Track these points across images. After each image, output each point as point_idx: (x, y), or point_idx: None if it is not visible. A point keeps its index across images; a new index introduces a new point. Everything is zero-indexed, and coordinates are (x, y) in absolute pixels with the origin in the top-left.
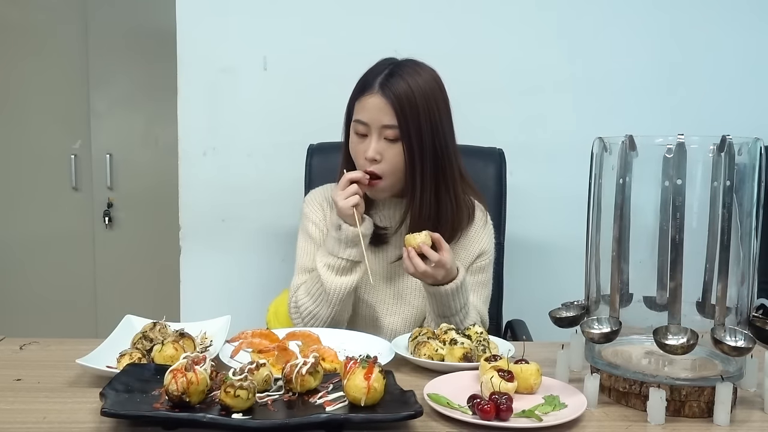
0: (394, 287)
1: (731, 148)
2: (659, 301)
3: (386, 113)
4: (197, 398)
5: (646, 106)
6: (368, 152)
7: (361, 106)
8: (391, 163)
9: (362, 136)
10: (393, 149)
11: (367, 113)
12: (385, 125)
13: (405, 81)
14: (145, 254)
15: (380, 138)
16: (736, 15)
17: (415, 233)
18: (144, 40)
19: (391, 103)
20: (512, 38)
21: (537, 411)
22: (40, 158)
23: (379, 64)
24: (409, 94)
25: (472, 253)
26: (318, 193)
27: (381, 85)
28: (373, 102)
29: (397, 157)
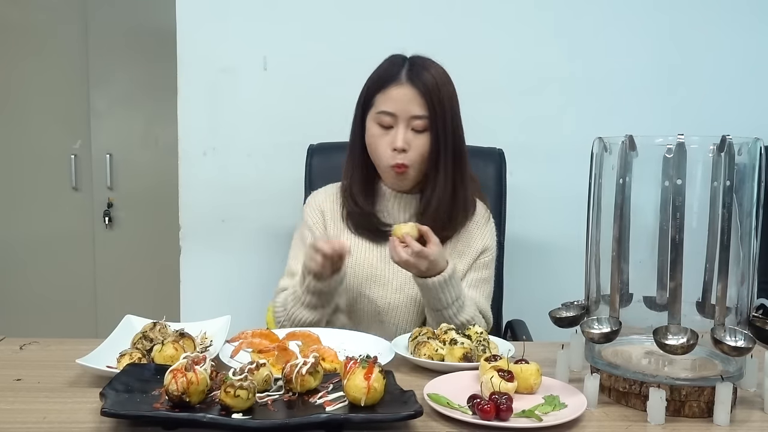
0: (396, 281)
1: (731, 148)
2: (659, 301)
3: (416, 103)
4: (197, 398)
5: (646, 106)
6: (397, 142)
7: (386, 98)
8: (418, 153)
9: (386, 128)
10: (420, 139)
11: (394, 104)
12: (415, 116)
13: (430, 72)
14: (145, 254)
15: (407, 128)
16: (736, 15)
17: (402, 224)
18: (144, 40)
19: (421, 93)
20: (512, 39)
21: (537, 411)
22: (40, 158)
23: (394, 58)
24: (435, 85)
25: (476, 249)
26: (318, 197)
27: (409, 76)
28: (401, 92)
29: (423, 147)
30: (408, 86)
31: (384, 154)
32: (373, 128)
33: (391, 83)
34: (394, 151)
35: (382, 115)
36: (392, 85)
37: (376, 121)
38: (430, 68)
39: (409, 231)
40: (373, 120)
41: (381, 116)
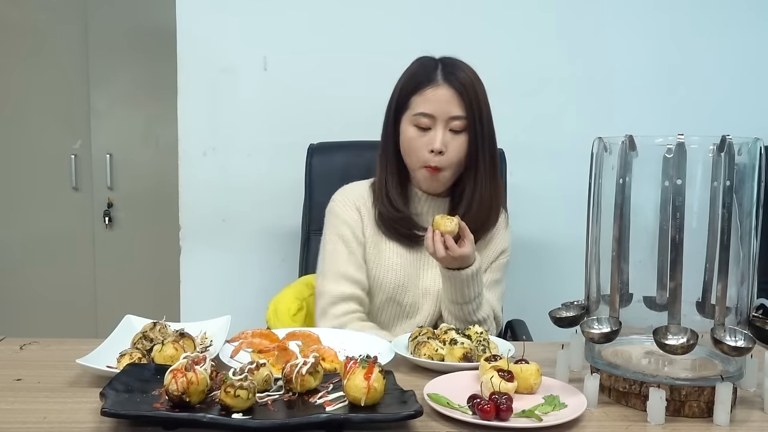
0: (426, 284)
1: (731, 148)
2: (659, 301)
3: (454, 104)
4: (197, 398)
5: (646, 106)
6: (435, 144)
7: (423, 99)
8: (454, 154)
9: (424, 129)
10: (457, 140)
11: (432, 105)
12: (453, 116)
13: (464, 72)
14: (145, 254)
15: (446, 129)
16: (735, 15)
17: (445, 217)
18: (144, 39)
19: (460, 93)
20: (512, 39)
21: (537, 411)
22: (40, 158)
23: (425, 60)
24: (471, 85)
25: (495, 251)
26: (351, 194)
27: (445, 76)
28: (439, 94)
29: (460, 148)
30: (445, 86)
31: (421, 155)
32: (409, 130)
33: (427, 84)
34: (431, 153)
35: (419, 117)
36: (429, 86)
37: (413, 123)
38: (464, 68)
39: (453, 230)
40: (410, 122)
41: (419, 118)
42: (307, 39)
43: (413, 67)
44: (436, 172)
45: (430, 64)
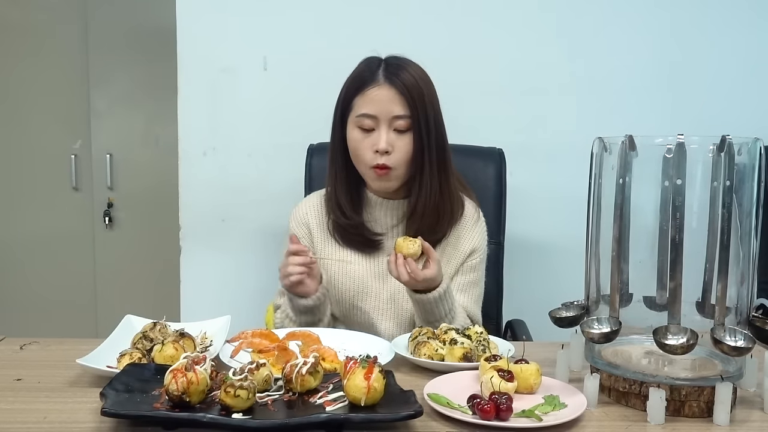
0: (388, 291)
1: (731, 148)
2: (659, 301)
3: (396, 103)
4: (197, 398)
5: (646, 106)
6: (380, 144)
7: (366, 100)
8: (401, 153)
9: (368, 131)
10: (402, 140)
11: (374, 105)
12: (396, 116)
13: (407, 71)
14: (145, 254)
15: (390, 129)
16: (736, 15)
17: (408, 239)
18: (144, 39)
19: (401, 92)
20: (512, 38)
21: (537, 411)
22: (40, 158)
23: (370, 60)
24: (414, 83)
25: (463, 252)
26: (302, 210)
27: (387, 77)
28: (381, 93)
29: (406, 147)
30: (387, 86)
31: (366, 156)
32: (354, 132)
33: (368, 85)
34: (376, 153)
35: (362, 118)
36: (370, 86)
37: (356, 124)
38: (408, 67)
39: (415, 252)
40: (354, 124)
41: (362, 119)
42: (307, 39)
43: (357, 69)
44: (385, 172)
45: (373, 64)
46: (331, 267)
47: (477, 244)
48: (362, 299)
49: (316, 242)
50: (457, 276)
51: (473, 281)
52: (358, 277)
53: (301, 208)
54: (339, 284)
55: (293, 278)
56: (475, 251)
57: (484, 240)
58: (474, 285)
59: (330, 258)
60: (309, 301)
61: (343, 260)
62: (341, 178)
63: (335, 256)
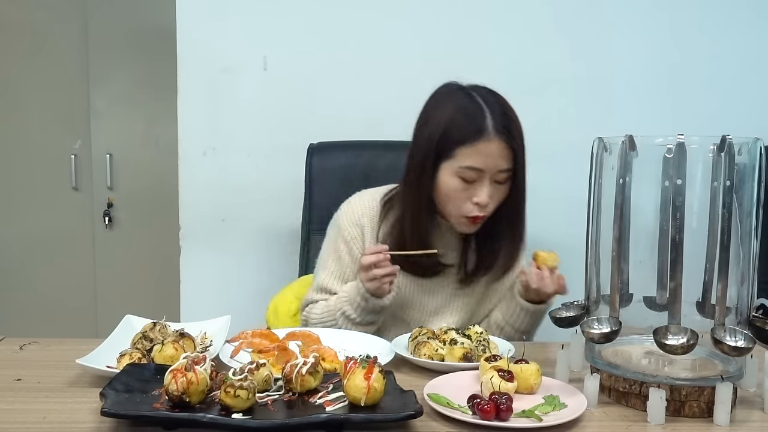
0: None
1: (731, 148)
2: (659, 301)
3: (505, 158)
4: (197, 398)
5: (646, 106)
6: (482, 198)
7: (474, 152)
8: (496, 203)
9: (469, 182)
10: (500, 191)
11: (483, 160)
12: (502, 170)
13: (511, 118)
14: (145, 254)
15: (491, 182)
16: (736, 15)
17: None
18: (144, 39)
19: (513, 147)
20: (512, 39)
21: (537, 411)
22: (40, 158)
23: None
24: (519, 132)
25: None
26: (356, 210)
27: (498, 130)
28: (491, 148)
29: (502, 197)
30: (497, 141)
31: (464, 207)
32: (452, 181)
33: (479, 138)
34: (475, 205)
35: (467, 170)
36: (480, 139)
37: (458, 174)
38: (512, 115)
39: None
40: (453, 173)
41: (465, 171)
42: (307, 39)
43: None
44: (477, 222)
45: (476, 112)
46: None
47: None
48: (405, 311)
49: (366, 242)
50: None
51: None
52: (406, 288)
53: (356, 208)
54: None
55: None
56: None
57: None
58: None
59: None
60: (386, 302)
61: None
62: (416, 213)
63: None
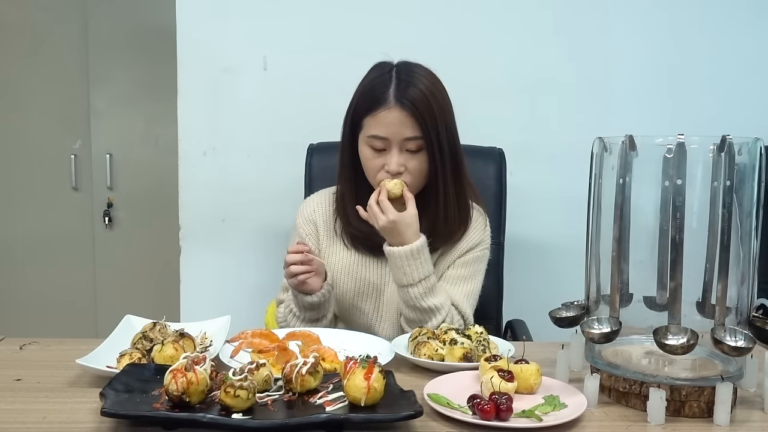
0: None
1: (731, 148)
2: (659, 301)
3: (407, 126)
4: (197, 398)
5: (646, 106)
6: (391, 166)
7: (376, 122)
8: (414, 174)
9: (379, 151)
10: (415, 159)
11: (385, 128)
12: (408, 138)
13: (417, 88)
14: (145, 254)
15: (401, 151)
16: (736, 14)
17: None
18: (144, 39)
19: (412, 114)
20: (512, 38)
21: (537, 411)
22: (40, 158)
23: (379, 73)
24: (425, 101)
25: (462, 248)
26: (309, 206)
27: (397, 98)
28: (391, 116)
29: (419, 167)
30: (397, 109)
31: (378, 176)
32: (365, 150)
33: (379, 106)
34: (387, 173)
35: (373, 140)
36: (381, 108)
37: (368, 144)
38: (418, 82)
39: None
40: (365, 142)
41: (373, 140)
42: (307, 38)
43: (367, 79)
44: None
45: (383, 79)
46: (334, 265)
47: (474, 242)
48: (363, 300)
49: (322, 240)
50: (448, 270)
51: (464, 276)
52: (362, 278)
53: (308, 205)
54: (341, 283)
55: (300, 277)
56: (472, 249)
57: (482, 239)
58: (464, 280)
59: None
60: (314, 298)
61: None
62: (350, 187)
63: (340, 256)
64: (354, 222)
